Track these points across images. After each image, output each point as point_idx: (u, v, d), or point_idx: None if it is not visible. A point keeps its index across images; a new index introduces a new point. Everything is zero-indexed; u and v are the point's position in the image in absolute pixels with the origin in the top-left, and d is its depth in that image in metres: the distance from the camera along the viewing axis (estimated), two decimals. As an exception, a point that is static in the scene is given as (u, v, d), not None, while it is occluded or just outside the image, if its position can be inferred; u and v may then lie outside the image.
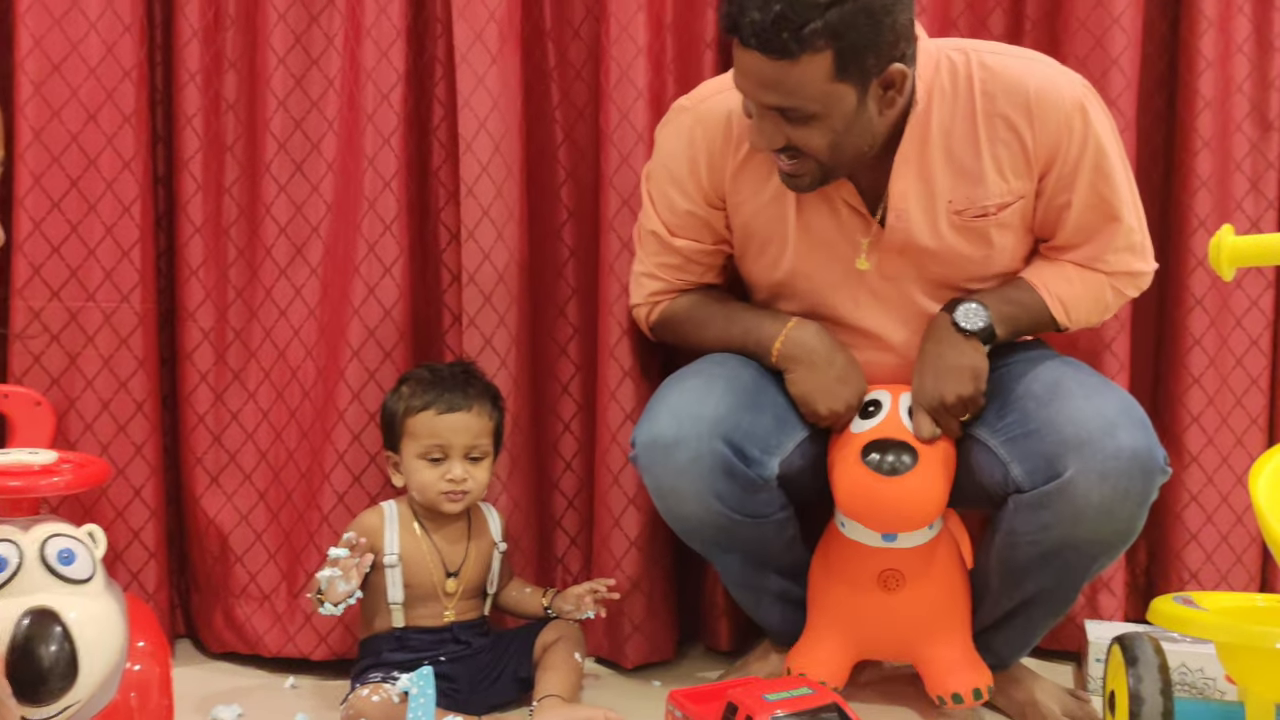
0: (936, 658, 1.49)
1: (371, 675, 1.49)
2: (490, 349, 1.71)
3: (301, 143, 1.71)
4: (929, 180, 1.45)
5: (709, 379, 1.48)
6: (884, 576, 1.48)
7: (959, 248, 1.47)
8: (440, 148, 1.76)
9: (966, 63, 1.43)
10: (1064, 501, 1.37)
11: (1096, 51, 1.72)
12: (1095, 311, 1.54)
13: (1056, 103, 1.41)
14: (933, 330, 1.49)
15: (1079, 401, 1.39)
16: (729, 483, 1.44)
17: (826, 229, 1.50)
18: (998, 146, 1.42)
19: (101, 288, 1.67)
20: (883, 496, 1.40)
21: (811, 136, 1.35)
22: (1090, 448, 1.35)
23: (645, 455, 1.46)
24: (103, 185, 1.66)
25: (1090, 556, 1.43)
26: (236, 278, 1.75)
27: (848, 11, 1.27)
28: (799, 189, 1.44)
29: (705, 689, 1.35)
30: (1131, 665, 1.30)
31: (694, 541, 1.56)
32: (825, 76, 1.31)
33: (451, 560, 1.54)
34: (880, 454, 1.40)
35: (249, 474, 1.76)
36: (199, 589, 1.80)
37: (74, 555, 1.24)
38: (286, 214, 1.72)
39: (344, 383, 1.68)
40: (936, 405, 1.44)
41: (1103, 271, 1.51)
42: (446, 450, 1.51)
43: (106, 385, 1.68)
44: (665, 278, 1.60)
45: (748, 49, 1.31)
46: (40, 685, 1.16)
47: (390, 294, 1.69)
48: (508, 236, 1.71)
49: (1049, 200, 1.47)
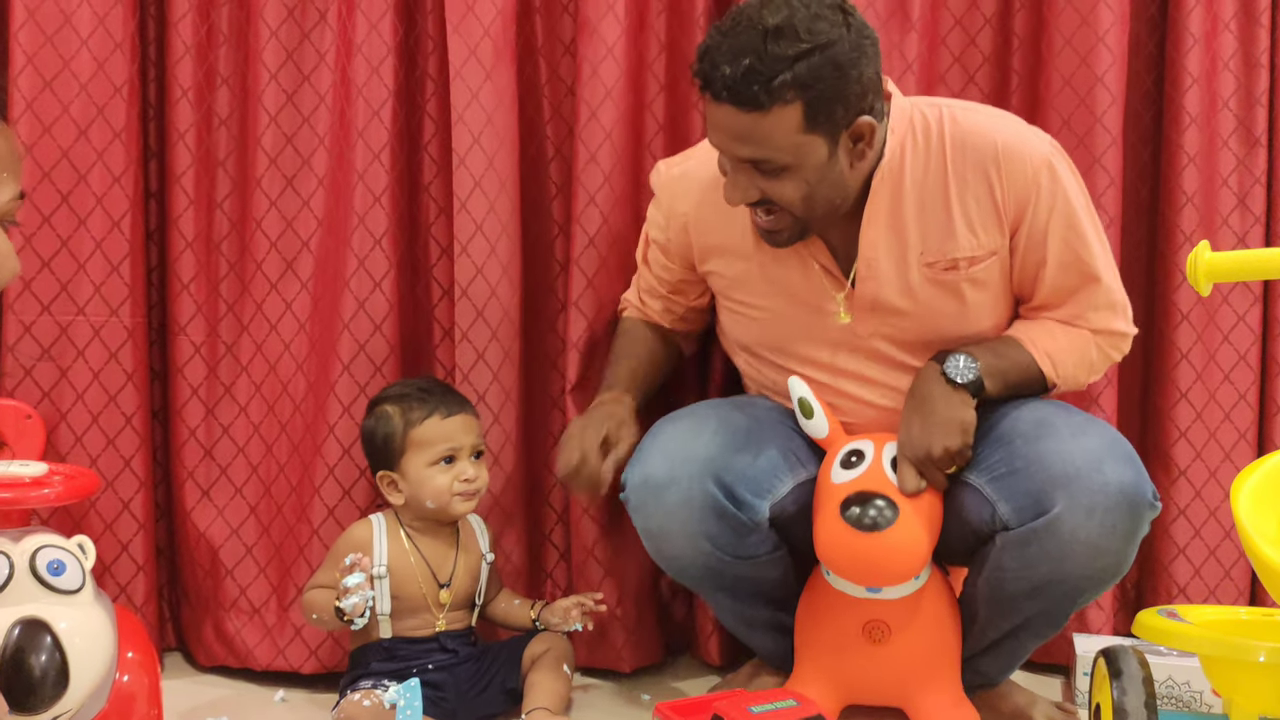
0: (925, 704, 1.47)
1: (362, 683, 1.49)
2: (483, 363, 1.72)
3: (292, 158, 1.72)
4: (900, 233, 1.45)
5: (701, 420, 1.50)
6: (869, 627, 1.46)
7: (931, 302, 1.47)
8: (431, 163, 1.77)
9: (939, 118, 1.45)
10: (1051, 538, 1.36)
11: (1082, 69, 1.73)
12: (1082, 368, 1.53)
13: (1024, 157, 1.43)
14: (921, 381, 1.46)
15: (1065, 438, 1.38)
16: (720, 524, 1.43)
17: (800, 289, 1.51)
18: (968, 199, 1.44)
19: (91, 302, 1.68)
20: (862, 552, 1.37)
21: (785, 189, 1.38)
22: (1077, 484, 1.34)
23: (636, 496, 1.47)
24: (93, 200, 1.67)
25: (1078, 590, 1.42)
26: (228, 292, 1.76)
27: (815, 64, 1.30)
28: (777, 244, 1.46)
29: (691, 701, 1.35)
30: (1116, 678, 1.30)
31: (684, 580, 1.56)
32: (796, 128, 1.33)
33: (442, 571, 1.55)
34: (861, 508, 1.37)
35: (240, 487, 1.76)
36: (189, 602, 1.80)
37: (64, 566, 1.25)
38: (277, 229, 1.73)
39: (334, 396, 1.69)
40: (923, 458, 1.41)
41: (1086, 329, 1.51)
42: (457, 452, 1.54)
43: (96, 399, 1.69)
44: (639, 294, 1.70)
45: (720, 103, 1.34)
46: (31, 694, 1.17)
47: (380, 308, 1.70)
48: (501, 251, 1.72)
49: (1023, 258, 1.47)
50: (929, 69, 1.79)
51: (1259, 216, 1.80)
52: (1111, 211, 1.74)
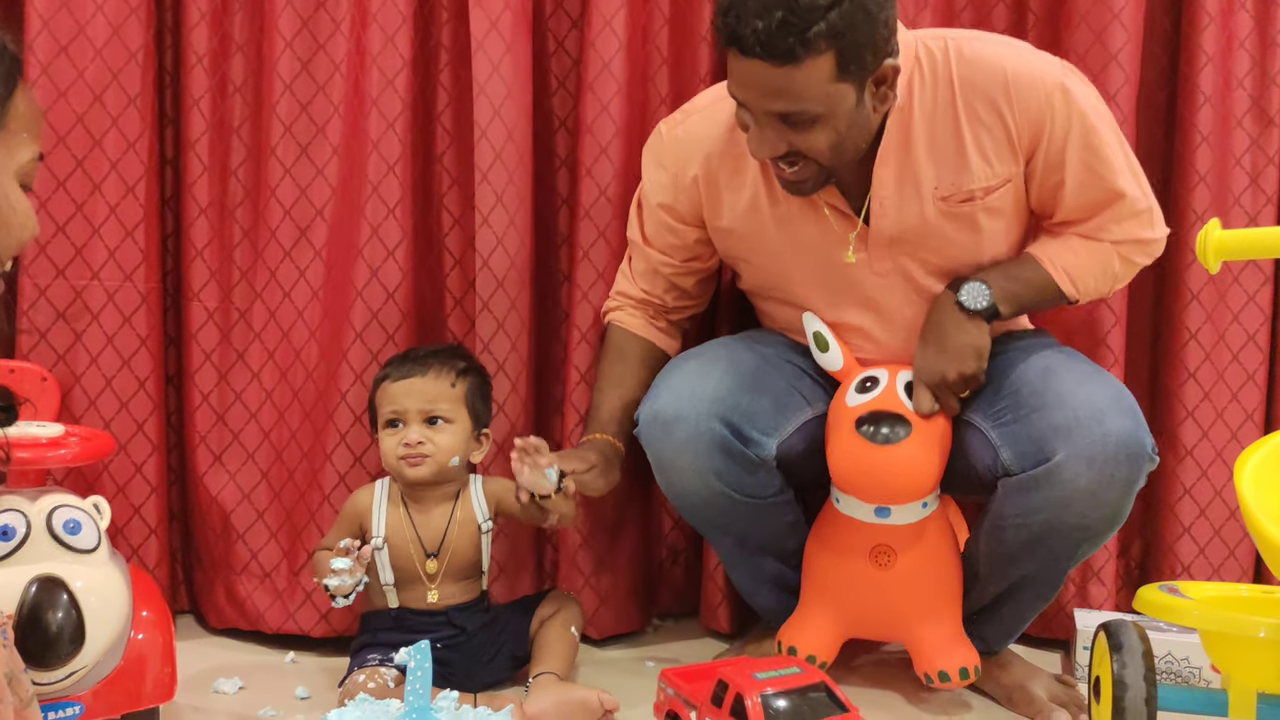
0: (925, 637, 1.51)
1: (369, 657, 1.50)
2: (503, 332, 1.73)
3: (307, 126, 1.73)
4: (913, 169, 1.46)
5: (710, 360, 1.52)
6: (876, 551, 1.50)
7: (947, 233, 1.49)
8: (444, 134, 1.78)
9: (944, 50, 1.44)
10: (1051, 485, 1.39)
11: (1096, 47, 1.73)
12: (1105, 281, 1.54)
13: (1035, 83, 1.42)
14: (936, 309, 1.50)
15: (1070, 388, 1.41)
16: (727, 461, 1.46)
17: (811, 234, 1.52)
18: (979, 130, 1.43)
19: (105, 267, 1.69)
20: (876, 466, 1.42)
21: (815, 139, 1.37)
22: (1079, 433, 1.37)
23: (647, 430, 1.50)
24: (107, 165, 1.68)
25: (1075, 541, 1.44)
26: (241, 259, 1.77)
27: (846, 11, 1.29)
28: (802, 193, 1.46)
29: (696, 668, 1.37)
30: (1116, 651, 1.32)
31: (694, 519, 1.59)
32: (828, 77, 1.32)
33: (430, 540, 1.54)
34: (874, 425, 1.42)
35: (252, 453, 1.78)
36: (201, 565, 1.82)
37: (80, 525, 1.27)
38: (291, 196, 1.73)
39: (347, 364, 1.70)
40: (938, 381, 1.45)
41: (1108, 241, 1.51)
42: (402, 415, 1.52)
43: (110, 363, 1.70)
44: (635, 281, 1.66)
45: (749, 58, 1.31)
46: (48, 650, 1.19)
47: (393, 277, 1.71)
48: (519, 223, 1.73)
49: (1040, 181, 1.47)
50: (945, 6, 1.79)
51: (1271, 197, 1.80)
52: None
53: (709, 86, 1.68)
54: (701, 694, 1.27)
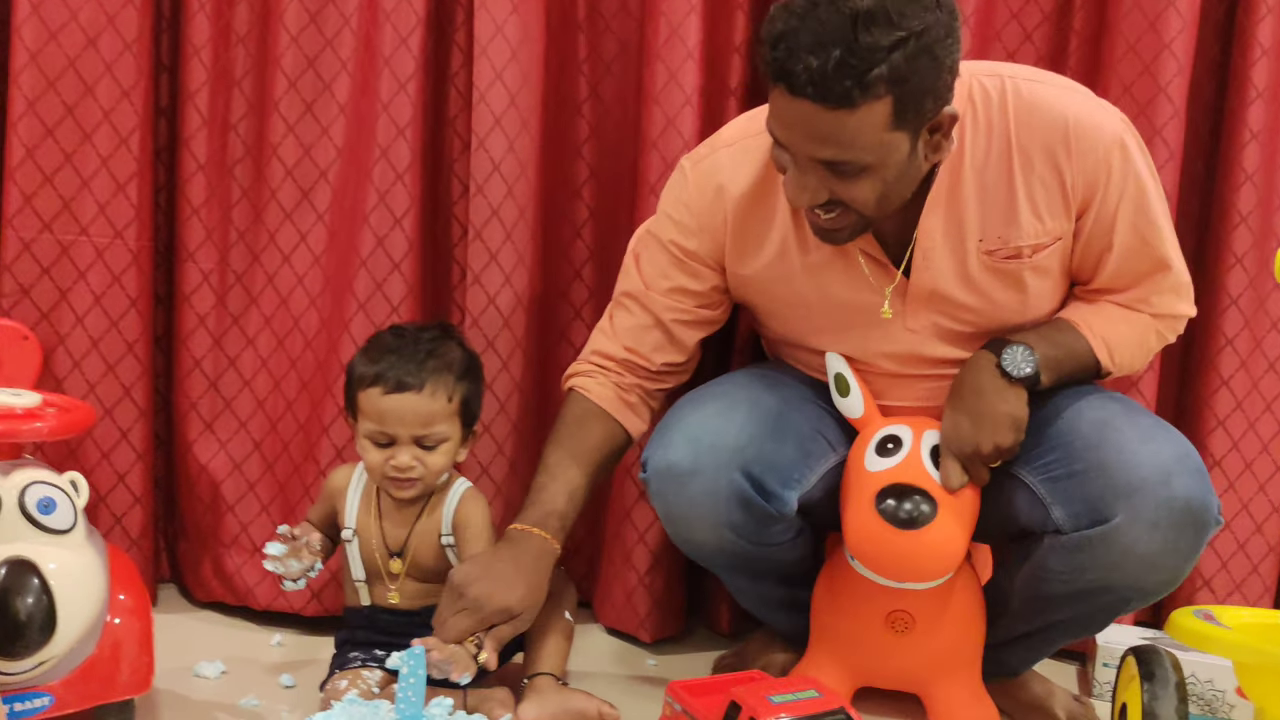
0: (943, 696, 1.42)
1: (351, 658, 1.41)
2: (494, 308, 1.65)
3: (313, 82, 1.64)
4: (959, 219, 1.34)
5: (731, 404, 1.38)
6: (892, 617, 1.38)
7: (991, 292, 1.37)
8: (458, 96, 1.69)
9: (1000, 90, 1.32)
10: (1107, 548, 1.29)
11: (1145, 79, 1.62)
12: (1139, 355, 1.44)
13: (1096, 136, 1.31)
14: (972, 371, 1.36)
15: (1132, 444, 1.30)
16: (745, 515, 1.35)
17: (843, 284, 1.38)
18: (1033, 182, 1.32)
19: (95, 221, 1.61)
20: (896, 549, 1.29)
21: (860, 190, 1.23)
22: (1142, 495, 1.27)
23: (657, 482, 1.37)
24: (100, 114, 1.59)
25: (1124, 601, 1.36)
26: (239, 219, 1.68)
27: (910, 54, 1.15)
28: (836, 242, 1.33)
29: (705, 682, 1.30)
30: (1147, 680, 1.26)
31: (701, 561, 1.49)
32: (883, 125, 1.18)
33: (394, 540, 1.42)
34: (897, 501, 1.29)
35: (245, 422, 1.70)
36: (187, 536, 1.75)
37: (54, 504, 1.19)
38: (294, 155, 1.65)
39: (348, 335, 1.62)
40: (970, 453, 1.32)
41: (1148, 313, 1.41)
42: (392, 437, 1.37)
43: (97, 323, 1.62)
44: (619, 339, 1.47)
45: (798, 98, 1.17)
46: (16, 639, 1.12)
47: (400, 246, 1.63)
48: (518, 193, 1.64)
49: (1087, 243, 1.36)
50: (985, 24, 1.69)
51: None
52: (1169, 187, 1.65)
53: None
54: (712, 712, 1.20)
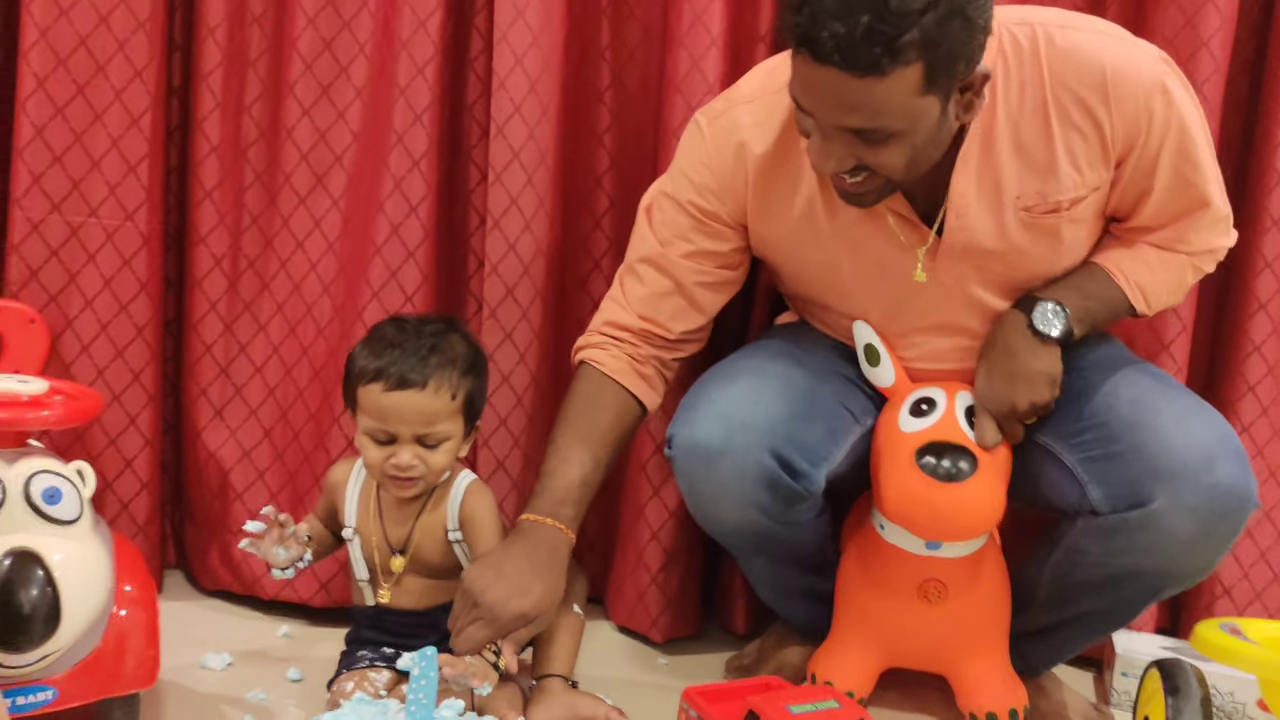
0: (971, 673, 1.41)
1: (359, 658, 1.38)
2: (512, 299, 1.62)
3: (330, 65, 1.60)
4: (994, 176, 1.30)
5: (761, 380, 1.36)
6: (925, 587, 1.38)
7: (1025, 246, 1.34)
8: (477, 81, 1.65)
9: (1033, 38, 1.27)
10: (1145, 531, 1.27)
11: (1186, 32, 1.58)
12: (1175, 294, 1.43)
13: (1135, 82, 1.26)
14: (1005, 330, 1.35)
15: (1171, 426, 1.28)
16: (772, 495, 1.33)
17: (873, 243, 1.35)
18: (1071, 135, 1.28)
19: (105, 203, 1.58)
20: (937, 504, 1.29)
21: (889, 155, 1.20)
22: (1183, 480, 1.25)
23: (684, 460, 1.34)
24: (111, 94, 1.56)
25: (1158, 588, 1.34)
26: (253, 203, 1.65)
27: (943, 15, 1.10)
28: (862, 205, 1.29)
29: (722, 688, 1.27)
30: (1172, 695, 1.24)
31: (722, 540, 1.47)
32: (913, 91, 1.14)
33: (395, 536, 1.38)
34: (936, 458, 1.29)
35: (255, 409, 1.68)
36: (194, 523, 1.73)
37: (60, 494, 1.17)
38: (309, 140, 1.61)
39: (361, 323, 1.59)
40: (1006, 411, 1.32)
41: (1184, 252, 1.39)
42: (393, 435, 1.31)
43: (106, 307, 1.59)
44: (632, 308, 1.42)
45: (823, 64, 1.13)
46: (20, 632, 1.10)
47: (415, 234, 1.60)
48: (537, 182, 1.61)
49: (1125, 187, 1.33)
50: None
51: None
52: (1208, 148, 1.60)
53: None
54: (729, 720, 1.18)
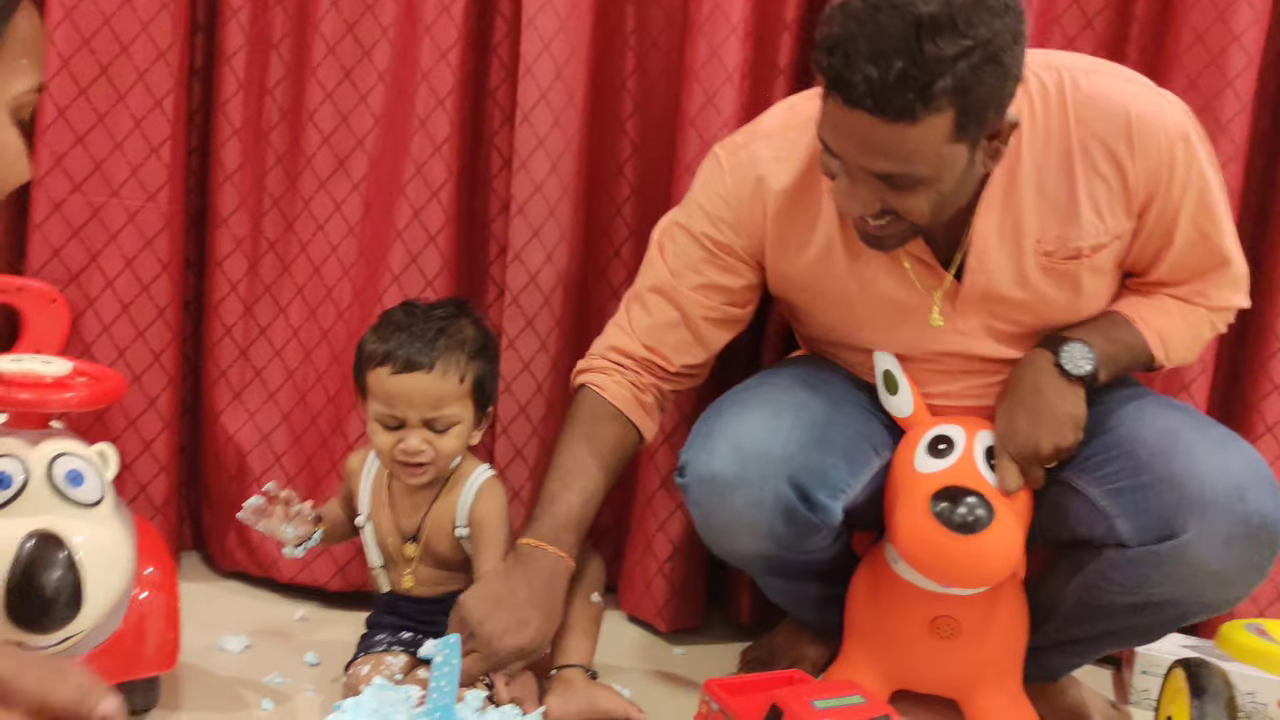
0: (984, 703, 1.37)
1: (377, 641, 1.37)
2: (534, 286, 1.61)
3: (353, 48, 1.59)
4: (1016, 218, 1.28)
5: (777, 409, 1.32)
6: (937, 623, 1.33)
7: (1046, 293, 1.31)
8: (500, 67, 1.64)
9: (1058, 83, 1.25)
10: (1175, 564, 1.24)
11: (1211, 70, 1.55)
12: (1193, 349, 1.40)
13: (1160, 130, 1.25)
14: (1029, 370, 1.32)
15: (1203, 456, 1.25)
16: (788, 526, 1.30)
17: (888, 286, 1.33)
18: (1095, 180, 1.26)
19: (127, 184, 1.57)
20: (952, 554, 1.24)
21: (915, 201, 1.18)
22: (1215, 511, 1.22)
23: (698, 490, 1.31)
24: (135, 74, 1.55)
25: (1188, 615, 1.31)
26: (274, 185, 1.65)
27: (977, 63, 1.09)
28: (883, 249, 1.27)
29: (743, 680, 1.27)
30: (1197, 695, 1.23)
31: (737, 564, 1.45)
32: (944, 138, 1.13)
33: (407, 524, 1.38)
34: (952, 504, 1.23)
35: (274, 392, 1.67)
36: (211, 505, 1.73)
37: (83, 477, 1.17)
38: (331, 123, 1.61)
39: (382, 307, 1.55)
40: (1029, 455, 1.28)
41: (1203, 306, 1.37)
42: (401, 419, 1.30)
43: (128, 288, 1.59)
44: (637, 336, 1.40)
45: (854, 108, 1.11)
46: (42, 614, 1.10)
47: (436, 219, 1.59)
48: (562, 169, 1.59)
49: (1146, 239, 1.31)
50: (1045, 9, 1.63)
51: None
52: (1233, 184, 1.58)
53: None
54: (752, 714, 1.17)
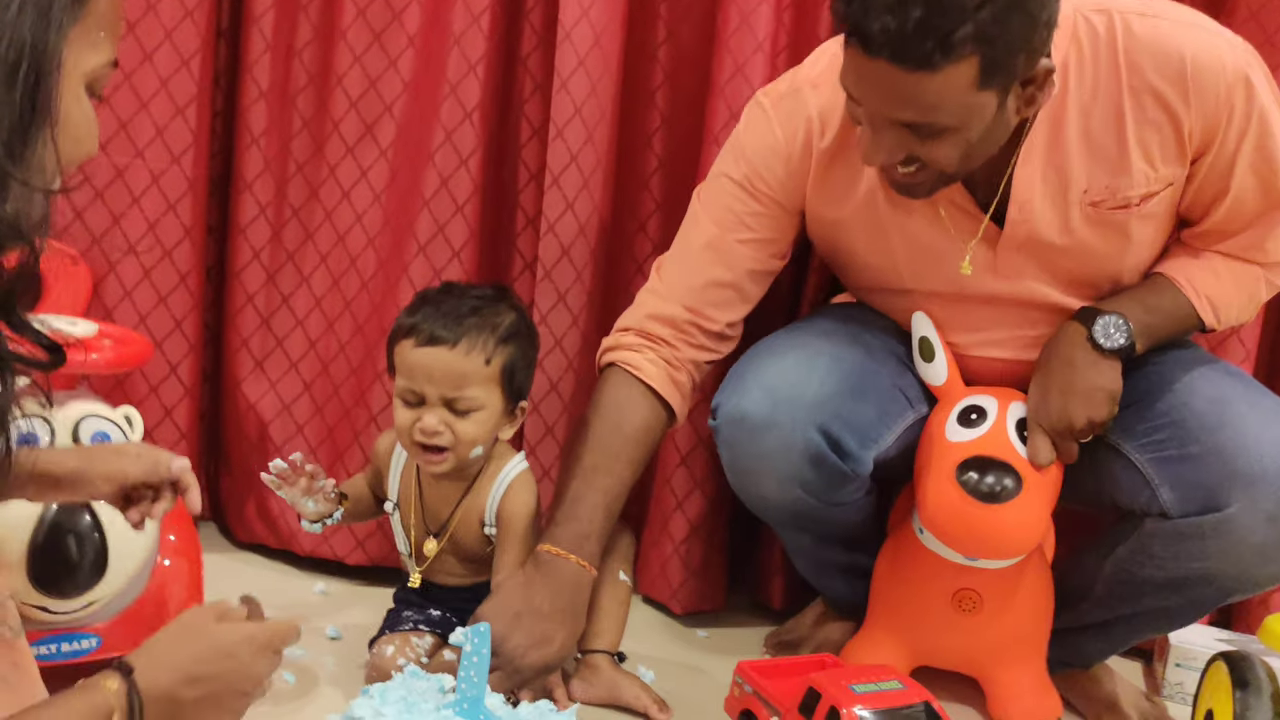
0: (1005, 681, 1.36)
1: (405, 618, 1.35)
2: (567, 259, 1.58)
3: (382, 10, 1.56)
4: (1061, 168, 1.25)
5: (812, 355, 1.31)
6: (960, 596, 1.32)
7: (1092, 242, 1.28)
8: (532, 33, 1.60)
9: (1109, 26, 1.21)
10: (1218, 537, 1.22)
11: (1274, 3, 1.51)
12: (1247, 309, 1.35)
13: (1217, 74, 1.19)
14: (1063, 343, 1.29)
15: (1252, 428, 1.22)
16: (817, 473, 1.29)
17: (927, 232, 1.31)
18: (1146, 128, 1.22)
19: (151, 145, 1.55)
20: (975, 523, 1.23)
21: (942, 150, 1.16)
22: (1263, 485, 1.19)
23: (729, 430, 1.31)
24: (161, 34, 1.53)
25: (1228, 592, 1.29)
26: (299, 150, 1.62)
27: (1000, 9, 1.06)
28: (915, 196, 1.25)
29: (777, 663, 1.25)
30: (1240, 688, 1.21)
31: (764, 517, 1.43)
32: (968, 87, 1.10)
33: (434, 518, 1.34)
34: (979, 474, 1.22)
35: (296, 362, 1.65)
36: (231, 475, 1.71)
37: (109, 439, 1.15)
38: (359, 87, 1.58)
39: (407, 278, 1.56)
40: (1062, 428, 1.25)
41: (1258, 262, 1.32)
42: (421, 395, 1.26)
43: (150, 252, 1.57)
44: (676, 300, 1.37)
45: (874, 57, 1.09)
46: (67, 578, 1.08)
47: (464, 188, 1.56)
48: (598, 139, 1.56)
49: (1200, 185, 1.27)
50: None
51: None
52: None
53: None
54: (787, 697, 1.15)
